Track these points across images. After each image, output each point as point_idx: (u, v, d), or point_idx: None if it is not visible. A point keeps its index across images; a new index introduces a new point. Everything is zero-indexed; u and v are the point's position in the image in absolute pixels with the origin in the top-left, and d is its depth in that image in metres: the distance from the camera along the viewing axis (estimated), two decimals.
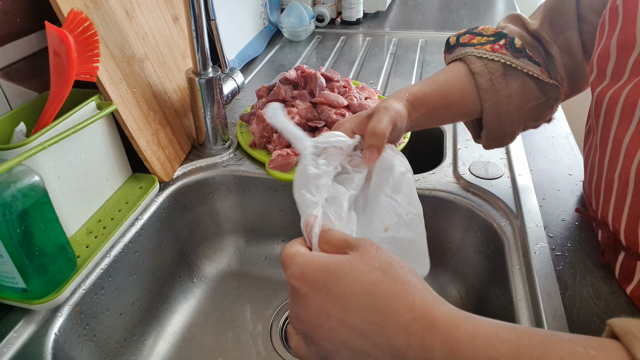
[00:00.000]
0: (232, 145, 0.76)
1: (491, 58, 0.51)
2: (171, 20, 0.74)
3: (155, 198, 0.65)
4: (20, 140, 0.49)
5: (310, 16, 1.22)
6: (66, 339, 0.50)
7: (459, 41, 0.55)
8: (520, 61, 0.51)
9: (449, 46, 0.57)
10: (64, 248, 0.49)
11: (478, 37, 0.54)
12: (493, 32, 0.54)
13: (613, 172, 0.43)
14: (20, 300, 0.47)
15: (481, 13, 1.43)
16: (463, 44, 0.54)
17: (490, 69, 0.51)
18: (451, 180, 0.66)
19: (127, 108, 0.61)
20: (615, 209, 0.44)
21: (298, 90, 0.76)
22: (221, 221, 0.76)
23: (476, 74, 0.51)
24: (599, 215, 0.48)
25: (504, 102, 0.51)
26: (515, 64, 0.50)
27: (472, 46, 0.53)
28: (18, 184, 0.43)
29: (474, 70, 0.51)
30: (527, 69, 0.51)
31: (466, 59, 0.52)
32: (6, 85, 0.54)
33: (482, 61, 0.51)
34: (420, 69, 1.04)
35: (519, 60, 0.51)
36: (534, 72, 0.51)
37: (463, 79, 0.52)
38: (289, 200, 0.71)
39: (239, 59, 1.04)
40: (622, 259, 0.46)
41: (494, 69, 0.50)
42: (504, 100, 0.51)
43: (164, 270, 0.67)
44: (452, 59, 0.55)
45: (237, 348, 0.64)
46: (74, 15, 0.49)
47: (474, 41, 0.54)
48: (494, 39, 0.53)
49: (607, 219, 0.46)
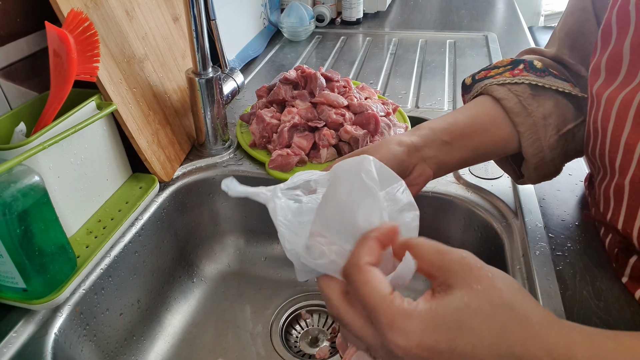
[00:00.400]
0: (232, 145, 0.76)
1: (514, 82, 0.48)
2: (171, 20, 0.74)
3: (155, 198, 0.65)
4: (20, 140, 0.49)
5: (310, 16, 1.22)
6: (66, 339, 0.50)
7: (474, 79, 0.53)
8: (547, 79, 0.47)
9: (465, 87, 0.55)
10: (64, 248, 0.49)
11: (494, 70, 0.52)
12: (509, 62, 0.52)
13: (624, 177, 0.42)
14: (20, 300, 0.47)
15: (481, 13, 1.43)
16: (480, 80, 0.52)
17: (516, 91, 0.47)
18: (451, 181, 0.66)
19: (127, 108, 0.61)
20: (626, 214, 0.43)
21: (298, 90, 0.76)
22: (221, 221, 0.76)
23: (501, 99, 0.47)
24: (608, 219, 0.47)
25: (540, 124, 0.47)
26: (542, 83, 0.47)
27: (491, 78, 0.50)
28: (18, 184, 0.43)
29: (498, 97, 0.48)
30: (556, 85, 0.47)
31: (487, 90, 0.49)
32: (6, 85, 0.54)
33: (505, 87, 0.48)
34: (420, 69, 1.04)
35: (545, 79, 0.47)
36: (565, 88, 0.47)
37: (489, 107, 0.48)
38: None
39: (239, 59, 1.04)
40: (633, 262, 0.45)
41: (520, 91, 0.47)
42: (540, 122, 0.47)
43: (164, 270, 0.67)
44: (472, 96, 0.52)
45: (237, 348, 0.64)
46: (74, 15, 0.49)
47: (492, 73, 0.51)
48: (511, 66, 0.50)
49: (617, 224, 0.45)
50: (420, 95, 0.92)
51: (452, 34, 1.25)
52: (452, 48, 1.16)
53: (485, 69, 0.53)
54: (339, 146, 0.70)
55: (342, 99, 0.73)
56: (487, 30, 1.27)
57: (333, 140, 0.69)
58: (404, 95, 0.92)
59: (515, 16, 1.40)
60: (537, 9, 2.73)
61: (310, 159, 0.70)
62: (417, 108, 0.87)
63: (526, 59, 0.50)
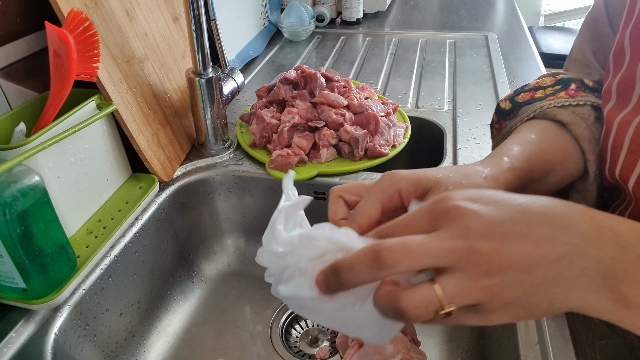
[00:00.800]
0: (232, 145, 0.76)
1: (576, 103, 0.43)
2: (171, 20, 0.74)
3: (155, 198, 0.65)
4: (20, 140, 0.49)
5: (310, 16, 1.22)
6: (66, 339, 0.50)
7: (516, 102, 0.47)
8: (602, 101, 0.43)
9: (503, 112, 0.49)
10: (64, 248, 0.49)
11: (541, 91, 0.46)
12: (554, 81, 0.47)
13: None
14: (20, 300, 0.47)
15: (481, 13, 1.43)
16: (525, 103, 0.46)
17: (582, 115, 0.42)
18: None
19: (127, 108, 0.61)
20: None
21: (298, 90, 0.76)
22: (221, 221, 0.76)
23: (570, 124, 0.42)
24: None
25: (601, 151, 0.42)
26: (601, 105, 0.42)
27: (543, 99, 0.45)
28: (18, 184, 0.43)
29: (565, 121, 0.42)
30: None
31: (548, 114, 0.43)
32: (6, 85, 0.54)
33: (568, 110, 0.43)
34: (420, 69, 1.04)
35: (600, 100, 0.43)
36: None
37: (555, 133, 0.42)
38: None
39: (239, 59, 1.04)
40: None
41: (586, 115, 0.42)
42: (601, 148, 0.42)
43: (164, 270, 0.67)
44: (522, 120, 0.46)
45: (237, 348, 0.64)
46: (74, 15, 0.49)
47: (540, 95, 0.46)
48: (562, 86, 0.45)
49: None
50: (420, 95, 0.92)
51: (452, 34, 1.25)
52: (452, 48, 1.16)
53: (526, 90, 0.48)
54: (339, 146, 0.70)
55: (342, 99, 0.73)
56: (487, 30, 1.27)
57: (333, 140, 0.69)
58: (404, 95, 0.92)
59: (515, 16, 1.41)
60: (537, 9, 2.73)
61: (310, 159, 0.70)
62: (417, 108, 0.87)
63: (574, 78, 0.46)
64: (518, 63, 1.05)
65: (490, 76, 0.98)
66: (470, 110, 0.85)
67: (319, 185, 0.68)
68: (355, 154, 0.68)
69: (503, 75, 0.98)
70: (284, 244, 0.29)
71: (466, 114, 0.83)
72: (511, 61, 1.06)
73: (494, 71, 1.00)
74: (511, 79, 0.96)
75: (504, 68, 1.02)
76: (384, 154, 0.69)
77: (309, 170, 0.68)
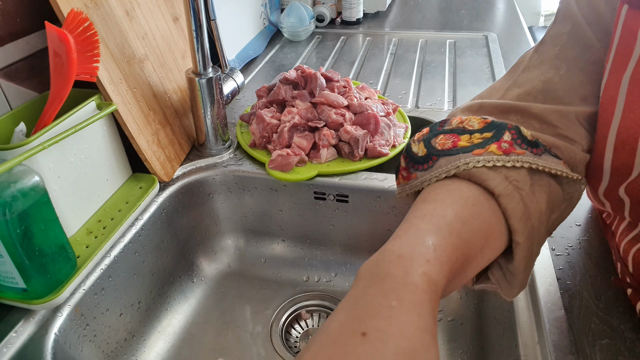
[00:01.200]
0: (232, 145, 0.76)
1: (511, 164, 0.33)
2: (171, 20, 0.74)
3: (155, 198, 0.65)
4: (20, 140, 0.49)
5: (310, 16, 1.22)
6: (66, 339, 0.50)
7: (432, 147, 0.36)
8: (543, 159, 0.35)
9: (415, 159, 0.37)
10: (64, 248, 0.49)
11: (466, 136, 0.36)
12: (484, 124, 0.36)
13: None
14: (20, 300, 0.47)
15: (481, 13, 1.43)
16: (445, 153, 0.35)
17: (516, 183, 0.33)
18: None
19: (127, 108, 0.61)
20: None
21: (298, 90, 0.76)
22: (221, 221, 0.76)
23: (500, 195, 0.33)
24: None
25: (535, 227, 0.34)
26: (541, 166, 0.34)
27: (468, 151, 0.35)
28: (18, 184, 0.43)
29: (496, 191, 0.33)
30: (553, 168, 0.35)
31: (473, 174, 0.34)
32: (6, 85, 0.54)
33: (500, 173, 0.33)
34: (420, 69, 1.04)
35: (541, 159, 0.35)
36: (559, 170, 0.35)
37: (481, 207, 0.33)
38: (289, 200, 0.71)
39: (239, 59, 1.04)
40: None
41: (521, 183, 0.33)
42: (536, 224, 0.34)
43: (164, 270, 0.67)
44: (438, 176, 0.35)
45: (237, 348, 0.64)
46: (74, 15, 0.49)
47: (464, 143, 0.35)
48: (494, 134, 0.35)
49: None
50: (420, 95, 0.92)
51: (452, 34, 1.25)
52: (452, 48, 1.16)
53: (447, 132, 0.37)
54: (339, 146, 0.70)
55: (342, 99, 0.73)
56: (487, 30, 1.27)
57: (333, 140, 0.69)
58: (404, 95, 0.92)
59: (515, 16, 1.41)
60: (537, 9, 2.73)
61: (310, 159, 0.70)
62: (417, 108, 0.87)
63: (509, 125, 0.36)
64: None
65: (491, 76, 0.99)
66: None
67: (319, 185, 0.68)
68: (355, 154, 0.68)
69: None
70: None
71: None
72: (511, 61, 1.06)
73: (494, 71, 1.00)
74: None
75: (504, 68, 1.02)
76: (384, 154, 0.69)
77: (309, 170, 0.68)
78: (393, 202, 0.67)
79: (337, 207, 0.70)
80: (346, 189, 0.68)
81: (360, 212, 0.69)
